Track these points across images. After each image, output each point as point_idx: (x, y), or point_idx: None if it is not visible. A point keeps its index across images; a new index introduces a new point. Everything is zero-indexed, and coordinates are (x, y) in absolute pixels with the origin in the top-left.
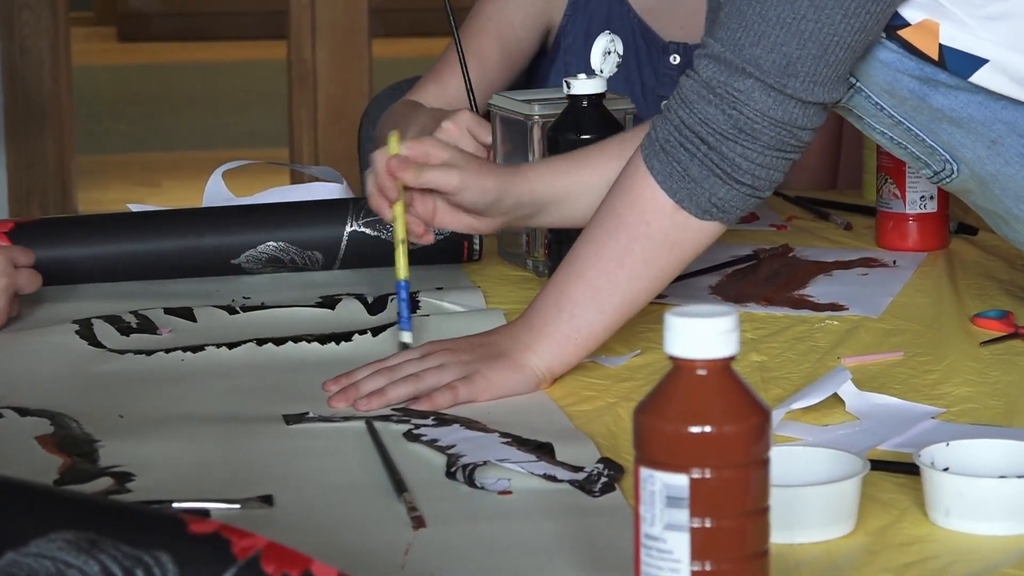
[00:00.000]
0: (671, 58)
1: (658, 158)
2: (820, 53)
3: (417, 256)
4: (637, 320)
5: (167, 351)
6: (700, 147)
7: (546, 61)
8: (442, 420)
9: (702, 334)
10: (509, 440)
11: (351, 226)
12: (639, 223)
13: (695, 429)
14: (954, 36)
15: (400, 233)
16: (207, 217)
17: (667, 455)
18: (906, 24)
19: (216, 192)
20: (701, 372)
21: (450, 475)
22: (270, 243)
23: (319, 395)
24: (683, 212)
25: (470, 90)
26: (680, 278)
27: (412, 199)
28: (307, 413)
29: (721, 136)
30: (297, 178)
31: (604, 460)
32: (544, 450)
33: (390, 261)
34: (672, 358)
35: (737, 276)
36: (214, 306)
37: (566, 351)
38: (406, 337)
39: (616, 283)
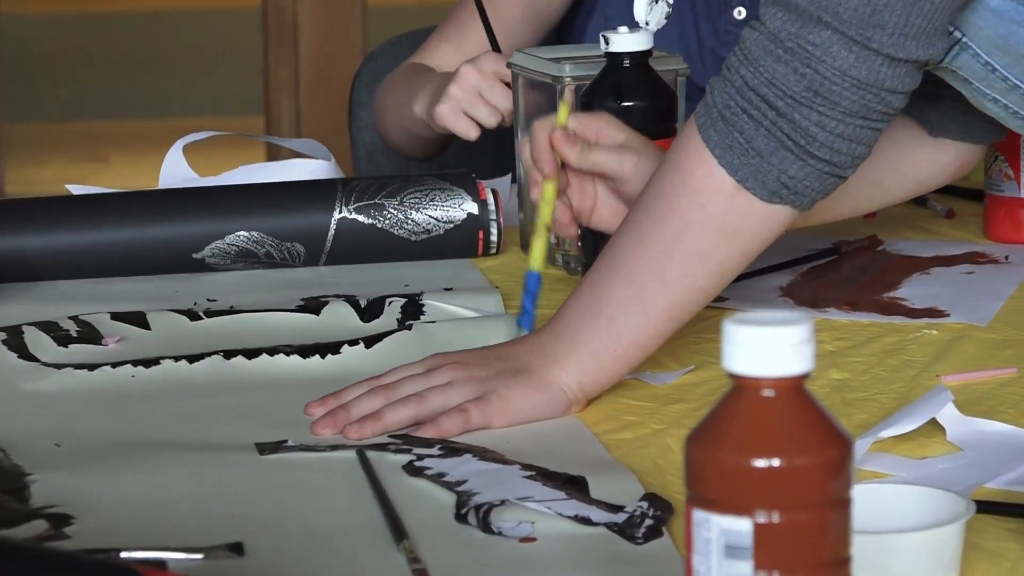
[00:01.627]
0: (735, 12)
1: (716, 127)
2: None
3: (421, 250)
4: (690, 328)
5: (114, 365)
6: (768, 113)
7: (581, 14)
8: (451, 449)
9: (769, 347)
10: (532, 474)
11: (340, 212)
12: (692, 206)
13: (760, 463)
14: None
15: (545, 217)
16: (164, 201)
17: (726, 494)
18: None
19: (175, 170)
20: (768, 393)
21: (460, 517)
22: (241, 233)
23: (301, 419)
24: (746, 193)
25: (493, 41)
26: (743, 277)
27: (568, 184)
28: (285, 441)
29: (793, 100)
30: (275, 153)
31: (649, 497)
32: (575, 486)
33: (387, 256)
34: (732, 376)
35: (814, 274)
36: (172, 310)
37: (603, 365)
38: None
39: (664, 281)
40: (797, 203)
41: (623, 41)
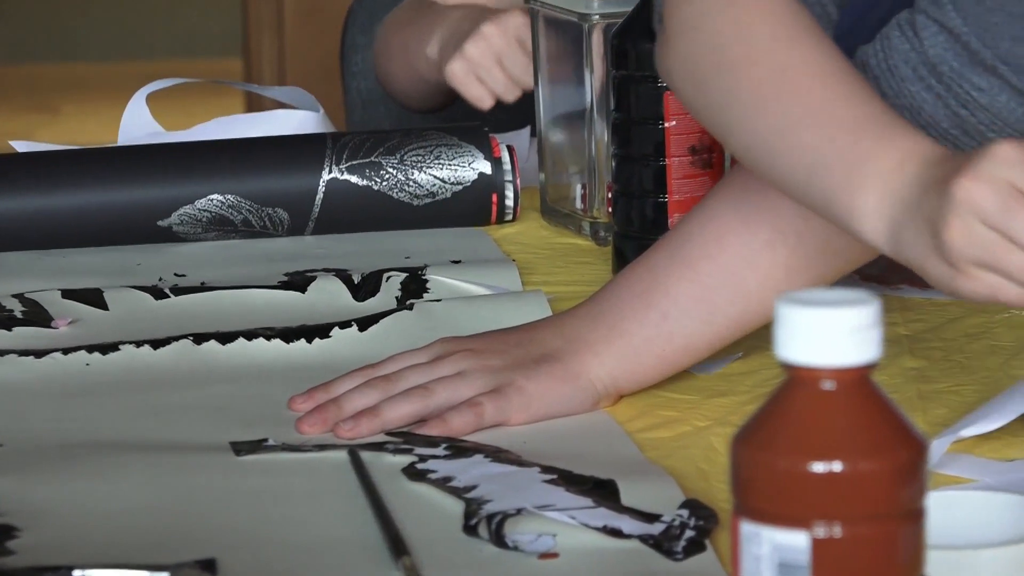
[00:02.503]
0: None
1: None
2: None
3: (424, 217)
4: None
5: (65, 351)
6: None
7: None
8: (458, 450)
9: (829, 331)
10: (554, 478)
11: (330, 172)
12: (794, 216)
13: (819, 468)
14: None
15: None
16: (124, 160)
17: (780, 504)
18: None
19: (137, 123)
20: (828, 386)
21: (470, 529)
22: (214, 197)
23: (283, 415)
24: None
25: None
26: None
27: None
28: (265, 440)
29: (937, 134)
30: (255, 103)
31: (690, 505)
32: (604, 492)
33: (385, 223)
34: (786, 366)
35: None
36: (133, 287)
37: (646, 362)
38: None
39: (740, 291)
40: None
41: None
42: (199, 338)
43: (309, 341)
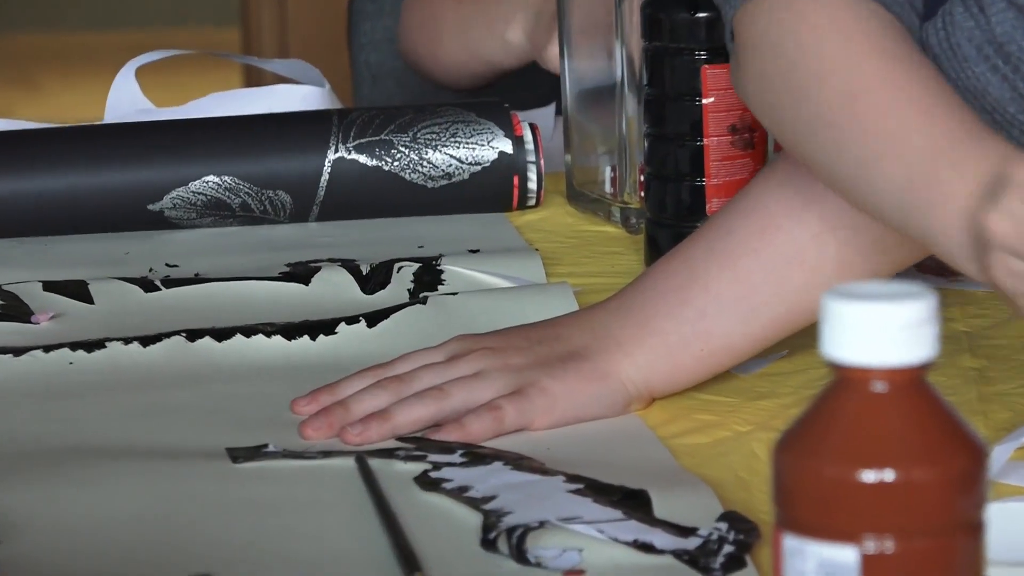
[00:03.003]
0: None
1: None
2: None
3: (439, 201)
4: None
5: (47, 349)
6: None
7: None
8: (476, 456)
9: (881, 328)
10: (580, 487)
11: (336, 152)
12: (845, 209)
13: (869, 476)
14: None
15: None
16: (111, 138)
17: (826, 516)
18: None
19: (126, 99)
20: (879, 388)
21: (488, 543)
22: (210, 178)
23: (285, 419)
24: None
25: None
26: None
27: None
28: (265, 446)
29: (1003, 118)
30: (254, 77)
31: (729, 517)
32: (635, 503)
33: (396, 208)
34: (834, 365)
35: None
36: (121, 278)
37: (681, 363)
38: None
39: (785, 288)
40: None
41: None
42: (193, 334)
43: (313, 338)
